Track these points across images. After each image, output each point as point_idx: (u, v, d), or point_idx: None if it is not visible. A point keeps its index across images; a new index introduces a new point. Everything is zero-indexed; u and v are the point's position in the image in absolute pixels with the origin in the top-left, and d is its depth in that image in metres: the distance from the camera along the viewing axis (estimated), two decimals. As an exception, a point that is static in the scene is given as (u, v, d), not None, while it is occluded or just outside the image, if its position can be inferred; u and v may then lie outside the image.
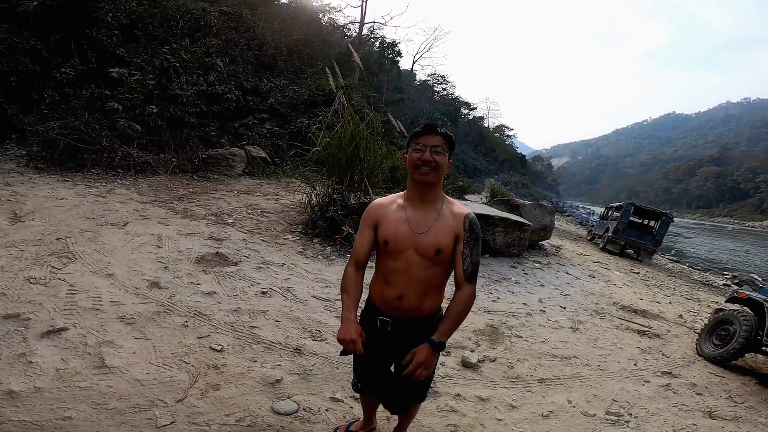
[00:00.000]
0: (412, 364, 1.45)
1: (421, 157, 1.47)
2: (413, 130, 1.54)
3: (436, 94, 49.49)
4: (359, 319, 1.63)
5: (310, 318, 3.20)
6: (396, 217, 1.54)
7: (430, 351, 1.46)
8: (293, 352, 2.73)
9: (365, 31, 30.89)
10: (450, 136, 1.52)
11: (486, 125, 63.88)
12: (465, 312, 1.52)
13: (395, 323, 1.58)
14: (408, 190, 1.58)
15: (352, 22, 29.87)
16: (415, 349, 1.47)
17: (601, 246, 12.65)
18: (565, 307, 4.98)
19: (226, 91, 10.12)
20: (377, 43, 34.64)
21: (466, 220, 1.52)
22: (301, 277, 4.01)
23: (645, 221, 14.18)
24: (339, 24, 28.16)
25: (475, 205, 8.67)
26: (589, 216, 29.52)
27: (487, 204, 9.68)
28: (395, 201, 1.60)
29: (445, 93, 50.12)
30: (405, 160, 1.55)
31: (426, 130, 1.49)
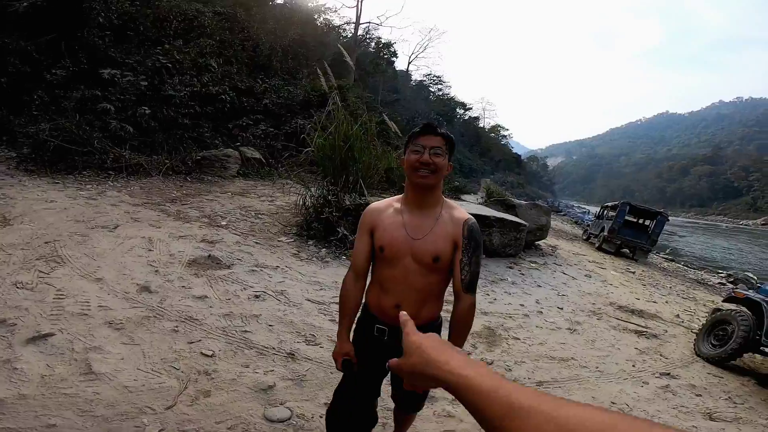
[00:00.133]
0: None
1: (419, 159, 1.38)
2: (412, 131, 1.45)
3: (432, 94, 49.60)
4: (354, 327, 1.58)
5: (304, 322, 3.13)
6: (392, 222, 1.45)
7: None
8: (286, 357, 2.67)
9: (361, 32, 30.90)
10: (450, 137, 1.43)
11: (481, 125, 64.06)
12: (468, 326, 1.49)
13: (393, 332, 1.50)
14: (405, 194, 1.49)
15: (348, 22, 29.92)
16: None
17: (596, 245, 12.66)
18: (562, 308, 4.95)
19: (220, 92, 10.03)
20: (373, 44, 34.65)
21: (465, 226, 1.43)
22: (295, 280, 3.95)
23: (640, 220, 14.22)
24: (334, 25, 28.15)
25: (471, 205, 8.65)
26: (584, 215, 29.60)
27: (483, 204, 9.67)
28: (392, 205, 1.51)
29: (440, 93, 50.27)
30: (402, 162, 1.46)
31: (425, 131, 1.41)
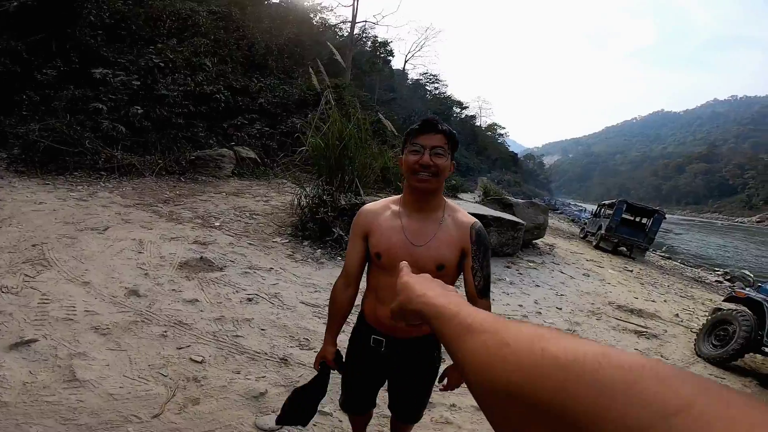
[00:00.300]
0: (447, 385, 1.49)
1: (419, 161, 1.24)
2: (410, 127, 1.30)
3: (429, 93, 49.51)
4: (351, 336, 1.51)
5: (297, 325, 3.05)
6: (390, 226, 1.32)
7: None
8: (279, 362, 2.59)
9: (357, 31, 30.79)
10: (453, 134, 1.28)
11: (478, 124, 64.08)
12: None
13: (390, 343, 1.40)
14: (404, 195, 1.36)
15: (344, 21, 29.79)
16: (446, 372, 1.50)
17: (594, 244, 12.64)
18: (560, 308, 4.90)
19: (214, 91, 9.92)
20: (369, 43, 34.55)
21: (472, 231, 1.31)
22: (289, 282, 3.86)
23: (637, 218, 14.22)
24: (331, 24, 28.03)
25: (469, 204, 8.59)
26: (581, 213, 29.64)
27: (480, 203, 9.62)
28: (389, 207, 1.38)
29: (437, 92, 50.20)
30: (400, 162, 1.32)
31: (424, 128, 1.25)
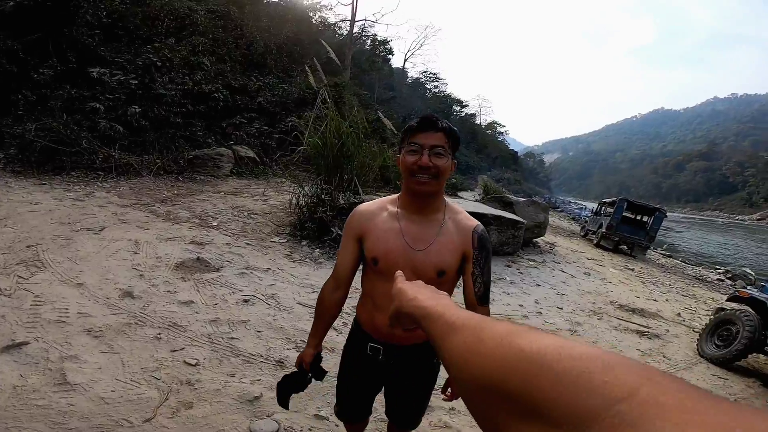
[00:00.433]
0: (452, 395, 1.42)
1: (417, 162, 1.15)
2: (408, 124, 1.21)
3: (428, 91, 49.37)
4: (346, 342, 1.46)
5: (294, 327, 3.00)
6: (387, 228, 1.24)
7: None
8: (275, 365, 2.54)
9: (356, 30, 30.67)
10: (453, 131, 1.19)
11: (478, 122, 63.93)
12: None
13: (388, 351, 1.33)
14: (402, 196, 1.27)
15: (343, 20, 29.67)
16: (448, 381, 1.43)
17: (594, 242, 12.57)
18: (561, 308, 4.85)
19: (213, 90, 9.87)
20: (368, 42, 34.43)
21: (474, 236, 1.24)
22: (286, 283, 3.81)
23: (638, 216, 14.15)
24: (330, 22, 27.93)
25: (469, 203, 8.53)
26: (581, 211, 29.57)
27: (480, 201, 9.55)
28: (385, 207, 1.29)
29: (437, 90, 50.03)
30: (398, 161, 1.23)
31: (423, 126, 1.16)
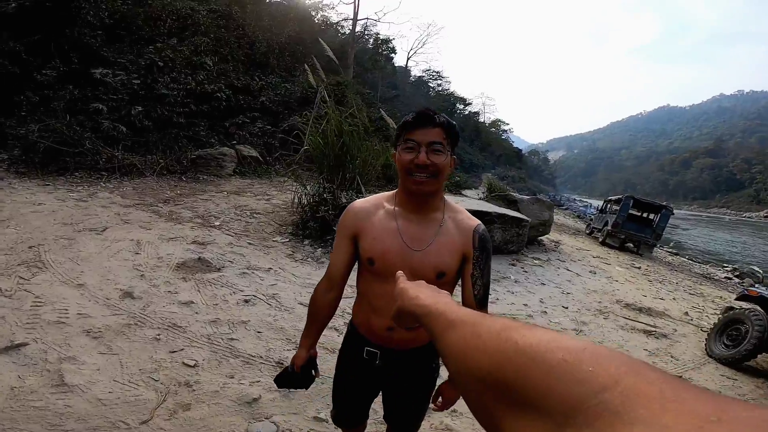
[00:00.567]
0: (442, 404, 1.32)
1: (414, 160, 1.08)
2: (403, 119, 1.14)
3: (432, 89, 49.19)
4: (342, 345, 1.41)
5: (295, 328, 2.97)
6: (384, 228, 1.18)
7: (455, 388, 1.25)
8: (275, 366, 2.51)
9: (359, 28, 30.59)
10: (452, 126, 1.12)
11: (482, 120, 63.61)
12: None
13: (385, 355, 1.28)
14: (399, 193, 1.21)
15: (346, 19, 29.60)
16: (440, 388, 1.33)
17: (600, 240, 12.47)
18: (567, 307, 4.79)
19: (215, 90, 9.87)
20: (371, 40, 34.35)
21: (475, 236, 1.18)
22: (288, 282, 3.79)
23: (644, 214, 14.01)
24: (332, 21, 27.88)
25: (473, 201, 8.47)
26: (586, 209, 29.36)
27: (484, 199, 9.49)
28: (381, 205, 1.23)
29: (440, 89, 49.84)
30: (394, 158, 1.17)
31: (419, 121, 1.09)
